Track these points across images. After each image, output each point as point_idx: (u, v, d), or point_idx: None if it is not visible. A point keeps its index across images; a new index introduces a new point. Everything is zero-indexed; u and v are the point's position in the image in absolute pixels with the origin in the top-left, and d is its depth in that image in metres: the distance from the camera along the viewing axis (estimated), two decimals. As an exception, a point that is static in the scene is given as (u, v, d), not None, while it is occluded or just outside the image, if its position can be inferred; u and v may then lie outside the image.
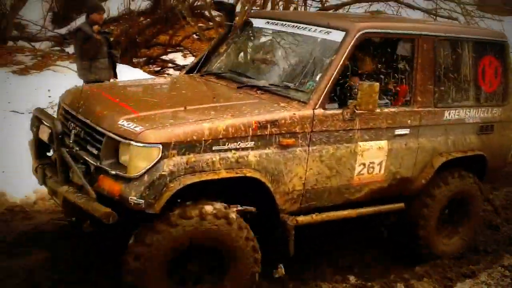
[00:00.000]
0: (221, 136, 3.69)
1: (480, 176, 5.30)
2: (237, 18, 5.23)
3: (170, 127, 3.58)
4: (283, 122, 3.94)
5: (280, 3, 11.53)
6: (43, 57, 9.89)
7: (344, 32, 4.33)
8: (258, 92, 4.38)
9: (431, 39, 4.74)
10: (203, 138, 3.63)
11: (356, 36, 4.30)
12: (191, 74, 5.08)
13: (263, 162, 3.86)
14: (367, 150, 4.39)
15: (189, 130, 3.60)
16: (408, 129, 4.64)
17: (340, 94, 4.37)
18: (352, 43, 4.28)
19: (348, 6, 11.43)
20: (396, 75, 4.66)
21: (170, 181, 3.49)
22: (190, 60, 11.01)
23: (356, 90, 4.28)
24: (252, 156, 3.82)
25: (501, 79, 5.29)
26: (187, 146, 3.58)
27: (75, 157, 3.81)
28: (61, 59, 9.68)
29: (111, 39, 7.12)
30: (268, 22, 4.92)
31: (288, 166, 3.99)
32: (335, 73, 4.20)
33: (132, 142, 3.49)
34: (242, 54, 5.07)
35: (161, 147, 3.49)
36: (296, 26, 4.66)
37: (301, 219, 4.20)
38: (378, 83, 4.18)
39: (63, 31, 11.88)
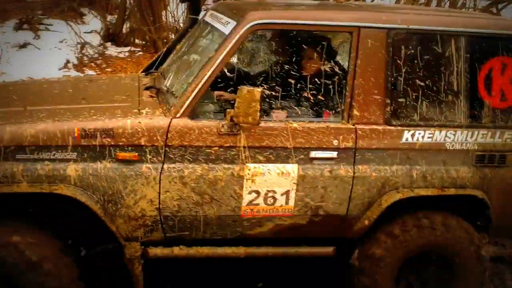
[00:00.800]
0: (27, 143, 3.13)
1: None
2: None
3: None
4: (120, 132, 3.23)
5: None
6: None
7: (235, 23, 3.39)
8: (155, 95, 3.71)
9: (382, 33, 3.45)
10: (2, 144, 3.14)
11: (244, 29, 3.31)
12: (139, 73, 4.56)
13: (88, 179, 3.20)
14: (261, 174, 3.38)
15: None
16: (335, 152, 3.47)
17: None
18: (236, 38, 3.31)
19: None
20: (318, 80, 3.50)
21: None
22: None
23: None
24: (73, 170, 3.19)
25: (525, 90, 3.67)
26: None
27: None
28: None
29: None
30: (211, 15, 4.13)
31: (130, 186, 3.26)
32: (208, 74, 3.30)
33: None
34: (179, 51, 4.34)
35: None
36: (218, 17, 3.81)
37: (156, 251, 3.43)
38: (260, 89, 3.18)
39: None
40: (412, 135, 3.53)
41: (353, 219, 3.58)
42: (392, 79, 3.49)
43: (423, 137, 3.54)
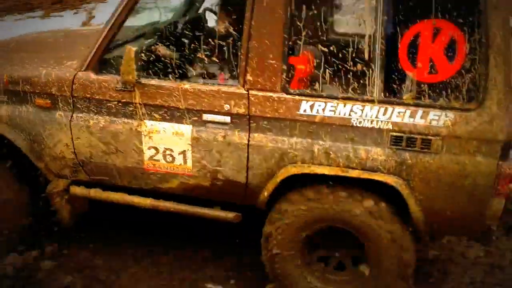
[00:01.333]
0: None
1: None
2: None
3: None
4: (36, 81, 3.58)
5: None
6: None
7: None
8: None
9: None
10: None
11: None
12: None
13: (16, 119, 3.67)
14: (157, 132, 3.43)
15: None
16: (229, 117, 3.29)
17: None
18: None
19: None
20: (212, 41, 3.25)
21: None
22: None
23: None
24: (4, 110, 3.69)
25: (464, 62, 2.90)
26: None
27: None
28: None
29: None
30: None
31: (48, 130, 3.63)
32: (106, 30, 3.40)
33: None
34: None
35: None
36: None
37: (75, 190, 3.79)
38: (135, 48, 3.20)
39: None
40: (311, 107, 3.14)
41: (256, 188, 3.41)
42: (291, 42, 3.11)
43: (323, 109, 3.12)
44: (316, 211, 3.29)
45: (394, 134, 3.06)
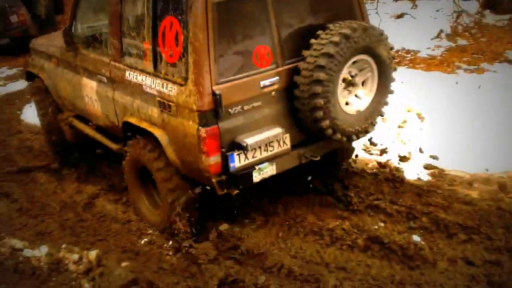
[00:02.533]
0: None
1: None
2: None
3: None
4: (53, 49, 5.71)
5: None
6: None
7: None
8: None
9: None
10: None
11: None
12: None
13: (47, 70, 5.89)
14: (86, 85, 5.22)
15: None
16: (105, 78, 4.83)
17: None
18: None
19: None
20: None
21: None
22: None
23: None
24: (46, 64, 5.94)
25: (181, 49, 3.84)
26: None
27: None
28: None
29: None
30: None
31: (57, 78, 5.75)
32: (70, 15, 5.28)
33: None
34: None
35: None
36: None
37: (71, 119, 5.79)
38: (63, 27, 5.04)
39: None
40: (129, 74, 4.47)
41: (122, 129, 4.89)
42: (123, 27, 4.49)
43: (133, 77, 4.42)
44: (132, 153, 4.65)
45: (158, 99, 4.20)
